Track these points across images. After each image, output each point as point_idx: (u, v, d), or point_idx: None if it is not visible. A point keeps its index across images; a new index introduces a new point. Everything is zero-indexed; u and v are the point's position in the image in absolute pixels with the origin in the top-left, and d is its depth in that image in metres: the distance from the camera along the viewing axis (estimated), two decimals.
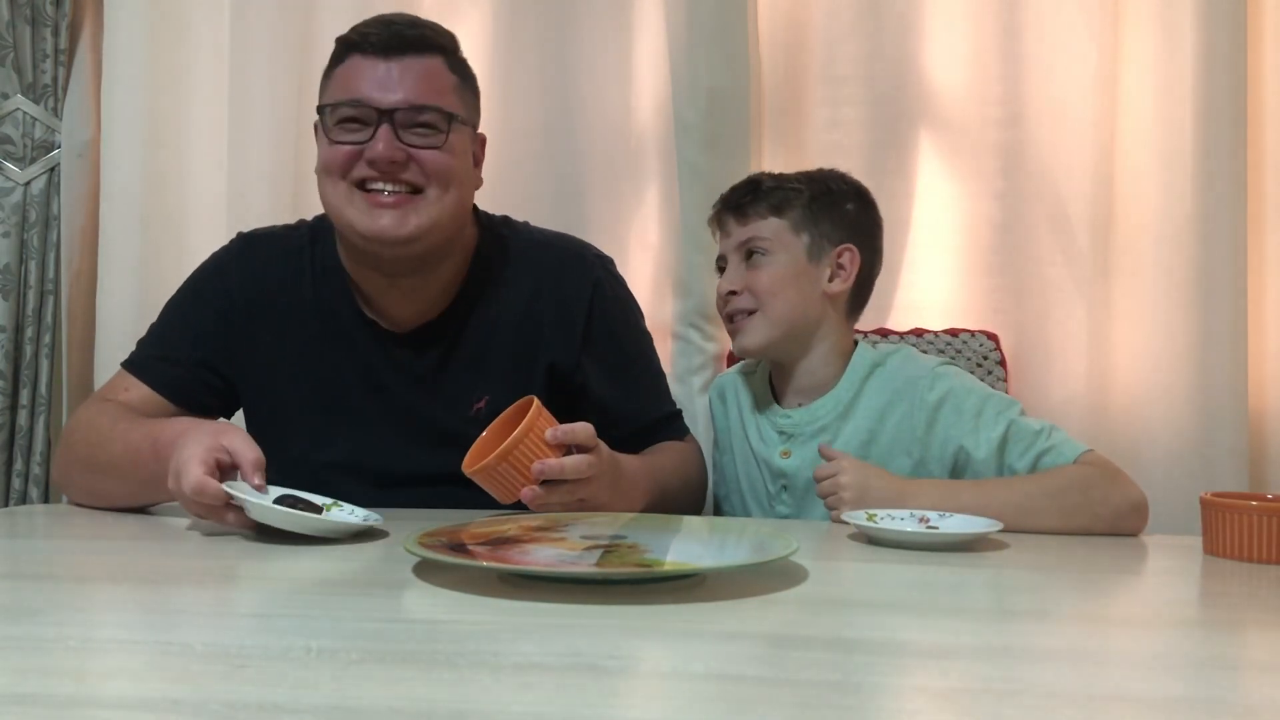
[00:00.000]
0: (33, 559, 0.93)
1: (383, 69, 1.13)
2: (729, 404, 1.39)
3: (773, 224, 1.27)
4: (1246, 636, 0.72)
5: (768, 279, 1.26)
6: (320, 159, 1.16)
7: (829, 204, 1.29)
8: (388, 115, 1.12)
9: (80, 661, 0.59)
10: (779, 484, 1.29)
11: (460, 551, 0.79)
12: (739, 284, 1.28)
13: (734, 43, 1.64)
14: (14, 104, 1.69)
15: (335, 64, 1.18)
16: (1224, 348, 1.56)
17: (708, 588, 0.78)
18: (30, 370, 1.70)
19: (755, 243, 1.27)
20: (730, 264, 1.30)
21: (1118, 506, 1.11)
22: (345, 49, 1.17)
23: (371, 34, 1.15)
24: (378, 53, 1.14)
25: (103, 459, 1.13)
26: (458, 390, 1.22)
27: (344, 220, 1.15)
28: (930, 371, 1.24)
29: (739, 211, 1.30)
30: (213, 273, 1.28)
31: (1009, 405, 1.21)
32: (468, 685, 0.54)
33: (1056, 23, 1.64)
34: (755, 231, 1.28)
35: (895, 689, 0.56)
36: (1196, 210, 1.57)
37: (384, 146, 1.11)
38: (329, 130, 1.15)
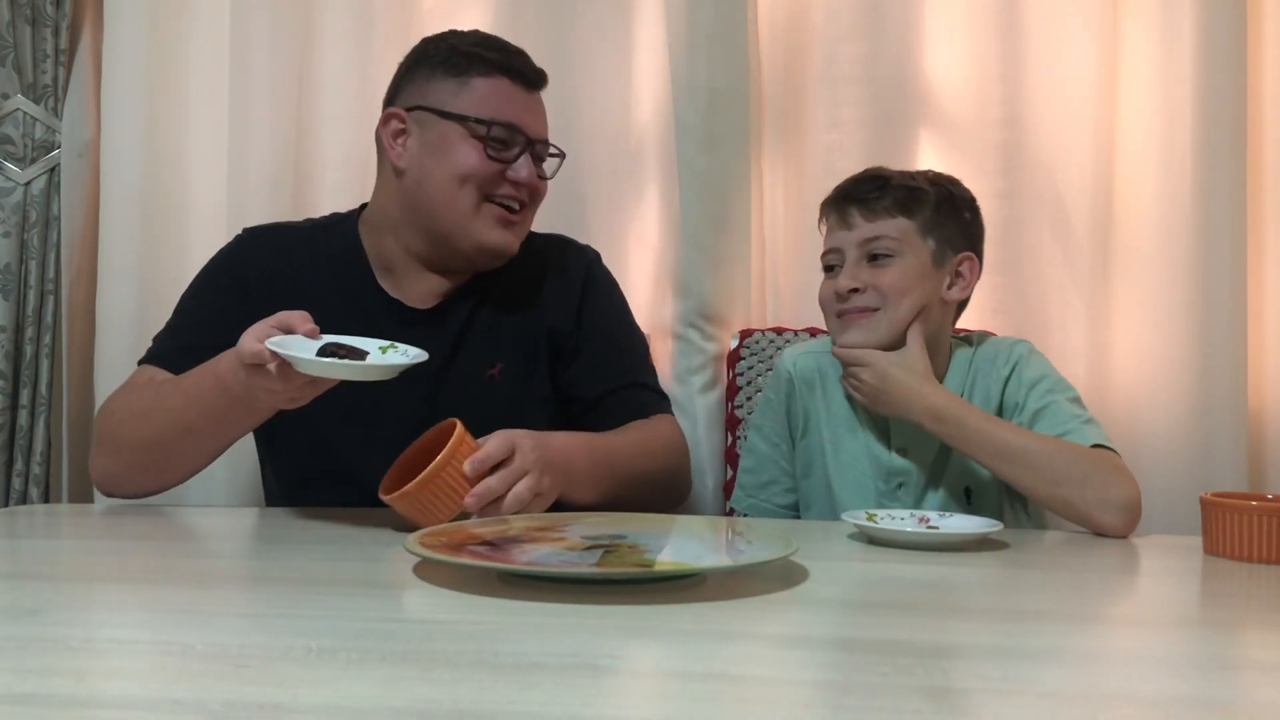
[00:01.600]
0: (33, 559, 0.93)
1: (530, 100, 1.27)
2: (821, 391, 1.32)
3: (901, 224, 1.23)
4: (1246, 636, 0.72)
5: (896, 278, 1.22)
6: (457, 167, 1.22)
7: (952, 210, 1.26)
8: (531, 145, 1.26)
9: (80, 661, 0.59)
10: (894, 482, 1.26)
11: (460, 551, 0.79)
12: (860, 281, 1.22)
13: (734, 43, 1.64)
14: (14, 104, 1.69)
15: (475, 74, 1.24)
16: (1224, 347, 1.56)
17: (708, 588, 0.78)
18: (30, 370, 1.70)
19: (882, 242, 1.22)
20: (849, 260, 1.24)
21: (1107, 496, 1.08)
22: (490, 67, 1.24)
23: (514, 61, 1.26)
24: (525, 83, 1.27)
25: (162, 419, 1.13)
26: (473, 360, 1.29)
27: (466, 229, 1.24)
28: (1009, 346, 1.27)
29: (865, 206, 1.24)
30: (226, 261, 1.32)
31: (1064, 389, 1.22)
32: (468, 685, 0.54)
33: (1056, 23, 1.64)
34: (883, 230, 1.23)
35: (895, 689, 0.56)
36: (1196, 210, 1.57)
37: (529, 173, 1.25)
38: (484, 141, 1.22)
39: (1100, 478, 1.10)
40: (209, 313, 1.27)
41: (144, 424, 1.15)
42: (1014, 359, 1.25)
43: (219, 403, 1.08)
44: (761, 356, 1.64)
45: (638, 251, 1.73)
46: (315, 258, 1.30)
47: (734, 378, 1.65)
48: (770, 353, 1.64)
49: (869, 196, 1.24)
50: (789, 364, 1.35)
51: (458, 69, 1.25)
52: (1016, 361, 1.25)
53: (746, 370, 1.64)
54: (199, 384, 1.10)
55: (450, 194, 1.23)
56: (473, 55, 1.25)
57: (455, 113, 1.23)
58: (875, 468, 1.26)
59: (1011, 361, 1.25)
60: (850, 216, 1.24)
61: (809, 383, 1.33)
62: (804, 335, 1.64)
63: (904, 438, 1.26)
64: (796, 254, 1.73)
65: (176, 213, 1.74)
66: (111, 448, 1.18)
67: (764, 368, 1.64)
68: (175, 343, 1.26)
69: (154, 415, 1.14)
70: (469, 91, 1.24)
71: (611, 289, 1.41)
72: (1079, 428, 1.16)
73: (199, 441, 1.14)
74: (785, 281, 1.74)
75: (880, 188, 1.24)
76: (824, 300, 1.28)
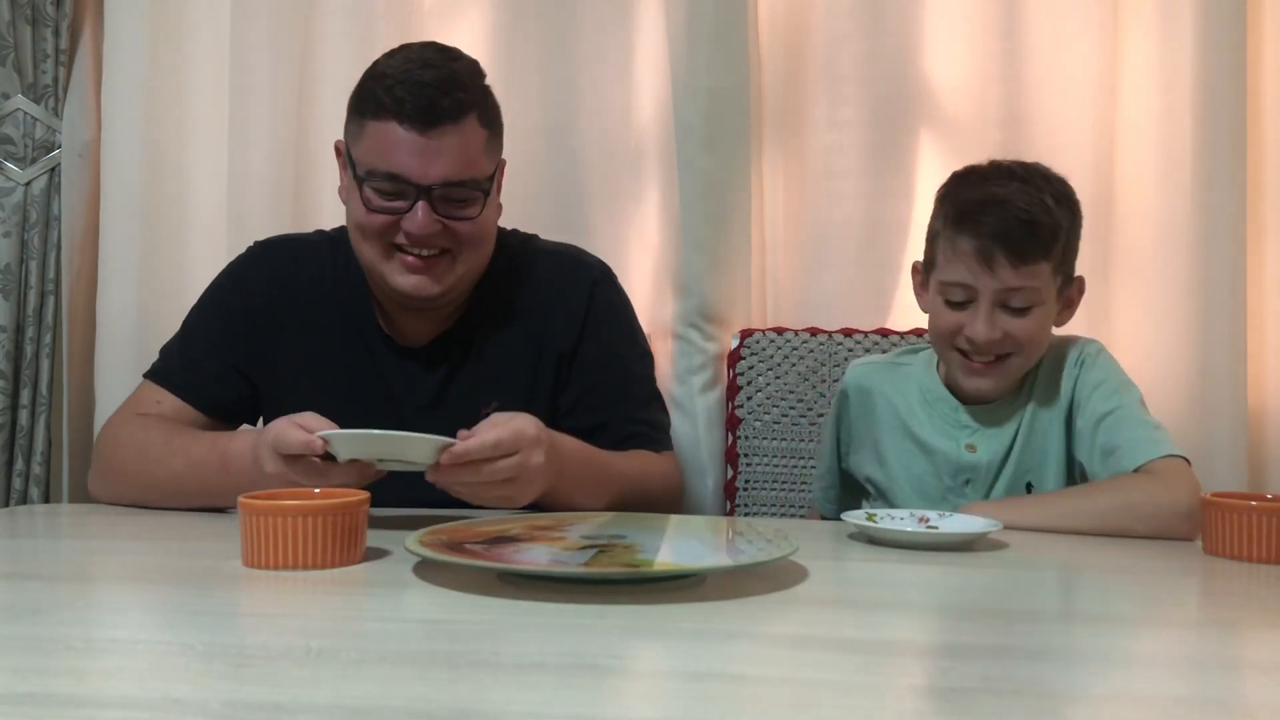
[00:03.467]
0: (33, 559, 0.93)
1: (420, 144, 1.13)
2: (874, 397, 1.32)
3: (1043, 270, 1.17)
4: (1246, 636, 0.72)
5: (1035, 329, 1.18)
6: (354, 216, 1.18)
7: (1074, 233, 1.21)
8: (425, 191, 1.14)
9: (80, 661, 0.59)
10: (961, 478, 1.25)
11: (460, 551, 0.79)
12: (1001, 331, 1.17)
13: (734, 43, 1.64)
14: (14, 104, 1.69)
15: (367, 115, 1.15)
16: (1224, 348, 1.56)
17: (708, 588, 0.78)
18: (30, 370, 1.70)
19: (1025, 294, 1.16)
20: (985, 302, 1.17)
21: (1159, 513, 1.07)
22: (379, 108, 1.13)
23: (408, 100, 1.12)
24: (415, 125, 1.12)
25: (162, 475, 1.15)
26: (466, 397, 1.25)
27: (377, 274, 1.20)
28: (1080, 345, 1.26)
29: (1016, 254, 1.15)
30: (235, 278, 1.31)
31: (1128, 390, 1.22)
32: (468, 685, 0.54)
33: (1056, 23, 1.63)
34: (1027, 280, 1.16)
35: (895, 689, 0.56)
36: (1196, 210, 1.57)
37: (421, 221, 1.14)
38: (364, 194, 1.16)
39: (1147, 499, 1.09)
40: (217, 331, 1.26)
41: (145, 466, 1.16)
42: (1081, 359, 1.25)
43: (218, 482, 1.09)
44: (761, 356, 1.64)
45: (638, 251, 1.73)
46: (321, 281, 1.28)
47: (734, 378, 1.65)
48: (770, 352, 1.64)
49: (1023, 244, 1.15)
50: (848, 377, 1.37)
51: (360, 107, 1.16)
52: (1084, 360, 1.24)
53: (747, 370, 1.65)
54: (205, 458, 1.11)
55: (357, 241, 1.19)
56: (370, 94, 1.15)
57: (352, 158, 1.17)
58: (944, 465, 1.26)
59: (1079, 361, 1.25)
60: (995, 260, 1.15)
61: (862, 390, 1.34)
62: (804, 335, 1.64)
63: (974, 436, 1.26)
64: (796, 254, 1.73)
65: (176, 213, 1.74)
66: (109, 477, 1.20)
67: (764, 367, 1.64)
68: (182, 363, 1.25)
69: (159, 465, 1.15)
70: (362, 136, 1.15)
71: (614, 313, 1.34)
72: (1149, 435, 1.16)
73: (190, 502, 1.15)
74: (785, 281, 1.74)
75: (1032, 232, 1.15)
76: (944, 332, 1.22)
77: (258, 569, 0.82)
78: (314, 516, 0.82)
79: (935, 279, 1.22)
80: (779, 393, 1.63)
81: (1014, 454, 1.25)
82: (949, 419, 1.27)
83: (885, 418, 1.32)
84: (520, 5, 1.73)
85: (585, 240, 1.49)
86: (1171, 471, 1.12)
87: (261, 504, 0.83)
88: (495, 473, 0.97)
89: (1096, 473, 1.19)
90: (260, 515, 0.82)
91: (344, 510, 0.84)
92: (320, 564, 0.82)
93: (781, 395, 1.63)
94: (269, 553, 0.82)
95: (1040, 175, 1.21)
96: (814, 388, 1.63)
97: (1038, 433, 1.24)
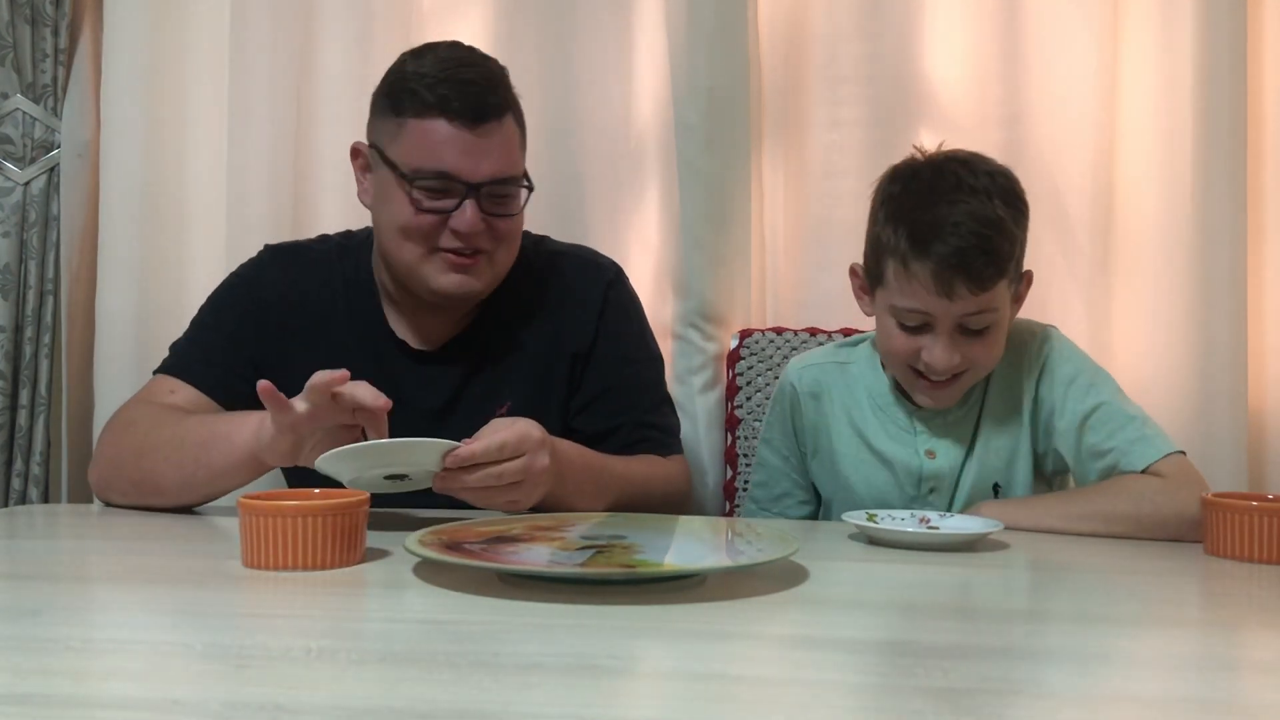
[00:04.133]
0: (33, 559, 0.93)
1: (469, 141, 1.13)
2: (825, 403, 1.29)
3: (1000, 288, 1.13)
4: (1246, 636, 0.72)
5: (993, 347, 1.16)
6: (396, 218, 1.16)
7: (1021, 233, 1.16)
8: (474, 189, 1.14)
9: (80, 661, 0.59)
10: (926, 487, 1.22)
11: (460, 551, 0.79)
12: (961, 355, 1.14)
13: (734, 43, 1.64)
14: (14, 104, 1.69)
15: (408, 114, 1.14)
16: (1224, 347, 1.56)
17: (708, 588, 0.78)
18: (30, 370, 1.70)
19: (984, 317, 1.13)
20: (942, 329, 1.13)
21: (1167, 523, 1.06)
22: (422, 106, 1.13)
23: (454, 96, 1.12)
24: (464, 123, 1.13)
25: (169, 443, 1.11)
26: (480, 399, 1.24)
27: (416, 276, 1.18)
28: (1038, 338, 1.23)
29: (974, 281, 1.10)
30: (245, 281, 1.30)
31: (1103, 381, 1.19)
32: (468, 685, 0.54)
33: (1056, 23, 1.64)
34: (985, 304, 1.12)
35: (895, 689, 0.56)
36: (1196, 210, 1.57)
37: (470, 220, 1.14)
38: (411, 195, 1.14)
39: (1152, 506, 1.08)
40: (230, 331, 1.25)
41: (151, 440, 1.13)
42: (1044, 351, 1.21)
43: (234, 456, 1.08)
44: (761, 356, 1.64)
45: (638, 251, 1.73)
46: (330, 286, 1.27)
47: (734, 378, 1.65)
48: (770, 352, 1.64)
49: (982, 270, 1.10)
50: (792, 378, 1.32)
51: (398, 106, 1.15)
52: (1047, 354, 1.21)
53: (746, 370, 1.64)
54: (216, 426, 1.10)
55: (396, 243, 1.18)
56: (412, 92, 1.14)
57: (390, 159, 1.16)
58: (904, 475, 1.23)
59: (1041, 357, 1.21)
60: (954, 289, 1.10)
61: (814, 395, 1.30)
62: (804, 335, 1.64)
63: (930, 442, 1.23)
64: (796, 254, 1.73)
65: (176, 213, 1.74)
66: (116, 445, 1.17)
67: (764, 367, 1.64)
68: (196, 355, 1.24)
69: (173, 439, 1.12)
70: (403, 135, 1.15)
71: (630, 315, 1.34)
72: (1140, 433, 1.14)
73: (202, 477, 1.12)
74: (785, 281, 1.74)
75: (991, 257, 1.10)
76: (899, 354, 1.17)
77: (257, 569, 0.82)
78: (314, 517, 0.82)
79: (887, 300, 1.17)
80: None
81: (974, 456, 1.22)
82: (901, 424, 1.25)
83: (838, 424, 1.28)
84: (520, 5, 1.72)
85: (585, 240, 1.49)
86: (1177, 475, 1.11)
87: (261, 504, 0.83)
88: (502, 475, 0.97)
89: (1085, 474, 1.18)
90: (260, 516, 0.82)
91: (344, 510, 0.84)
92: (320, 564, 0.82)
93: None
94: (269, 553, 0.82)
95: (985, 174, 1.15)
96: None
97: (999, 432, 1.21)
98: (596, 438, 1.24)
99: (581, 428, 1.26)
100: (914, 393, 1.21)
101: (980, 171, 1.15)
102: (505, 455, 0.97)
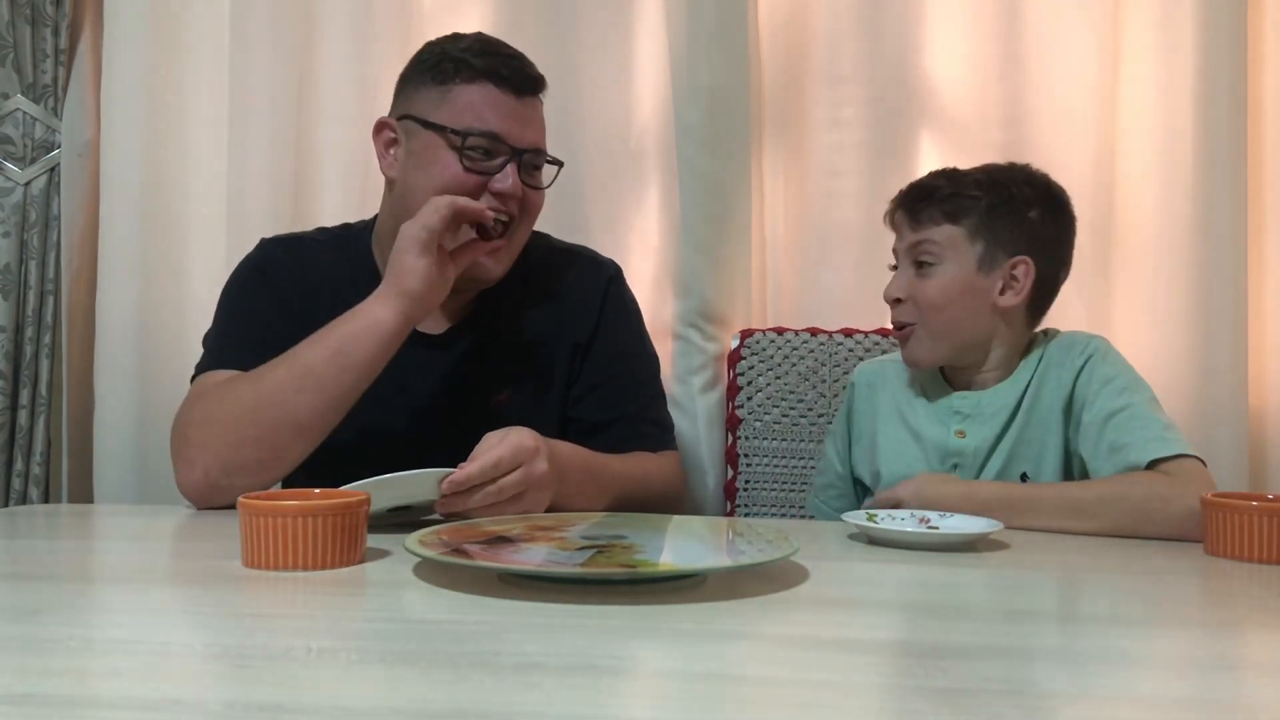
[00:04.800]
0: (33, 559, 0.93)
1: (516, 107, 1.20)
2: (879, 392, 1.35)
3: (946, 230, 1.23)
4: (1246, 636, 0.72)
5: (933, 291, 1.23)
6: (439, 178, 1.19)
7: (1009, 211, 1.23)
8: (518, 155, 1.19)
9: (80, 661, 0.59)
10: (949, 464, 1.26)
11: (460, 551, 0.79)
12: (903, 291, 1.25)
13: (734, 43, 1.64)
14: (14, 104, 1.69)
15: (454, 81, 1.19)
16: (1224, 347, 1.56)
17: (708, 588, 0.78)
18: (30, 370, 1.70)
19: (925, 248, 1.23)
20: (900, 268, 1.27)
21: (1174, 514, 1.06)
22: (471, 72, 1.19)
23: (501, 66, 1.19)
24: (512, 90, 1.20)
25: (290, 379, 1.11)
26: (480, 386, 1.26)
27: None
28: (1084, 340, 1.26)
29: (912, 213, 1.25)
30: (257, 269, 1.29)
31: (1140, 389, 1.21)
32: (468, 685, 0.54)
33: (1056, 23, 1.64)
34: (926, 235, 1.23)
35: (895, 689, 0.56)
36: (1196, 210, 1.57)
37: (513, 184, 1.19)
38: (462, 154, 1.18)
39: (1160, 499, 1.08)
40: (260, 316, 1.24)
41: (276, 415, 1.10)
42: (1088, 352, 1.24)
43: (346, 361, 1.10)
44: (762, 356, 1.64)
45: (638, 251, 1.73)
46: (335, 271, 1.28)
47: (734, 378, 1.65)
48: (771, 352, 1.64)
49: (916, 204, 1.24)
50: (856, 372, 1.40)
51: (443, 76, 1.20)
52: (1090, 355, 1.23)
53: (747, 370, 1.65)
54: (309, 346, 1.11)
55: None
56: (459, 61, 1.20)
57: (436, 122, 1.19)
58: (932, 450, 1.27)
59: (1085, 355, 1.24)
60: (899, 224, 1.26)
61: (871, 385, 1.36)
62: (804, 335, 1.64)
63: (964, 423, 1.26)
64: (797, 254, 1.73)
65: (176, 213, 1.74)
66: (223, 449, 1.12)
67: (764, 367, 1.64)
68: (235, 343, 1.22)
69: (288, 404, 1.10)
70: (451, 100, 1.19)
71: (629, 311, 1.38)
72: (1160, 434, 1.14)
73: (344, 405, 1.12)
74: (785, 281, 1.74)
75: (927, 196, 1.24)
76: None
77: (257, 569, 0.82)
78: (314, 517, 0.82)
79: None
80: (779, 393, 1.63)
81: (1005, 442, 1.24)
82: (943, 406, 1.28)
83: (886, 411, 1.33)
84: (520, 5, 1.73)
85: (585, 240, 1.49)
86: (1186, 472, 1.11)
87: (261, 504, 0.83)
88: (502, 490, 0.98)
89: (1100, 469, 1.18)
90: (260, 516, 0.82)
91: (344, 510, 0.84)
92: (320, 564, 0.82)
93: (781, 395, 1.63)
94: (269, 553, 0.82)
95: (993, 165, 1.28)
96: (814, 388, 1.63)
97: (1035, 424, 1.24)
98: (594, 428, 1.26)
99: (580, 417, 1.28)
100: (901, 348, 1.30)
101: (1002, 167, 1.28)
102: (502, 470, 0.98)
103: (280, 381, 1.11)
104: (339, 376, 1.11)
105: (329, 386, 1.11)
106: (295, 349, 1.13)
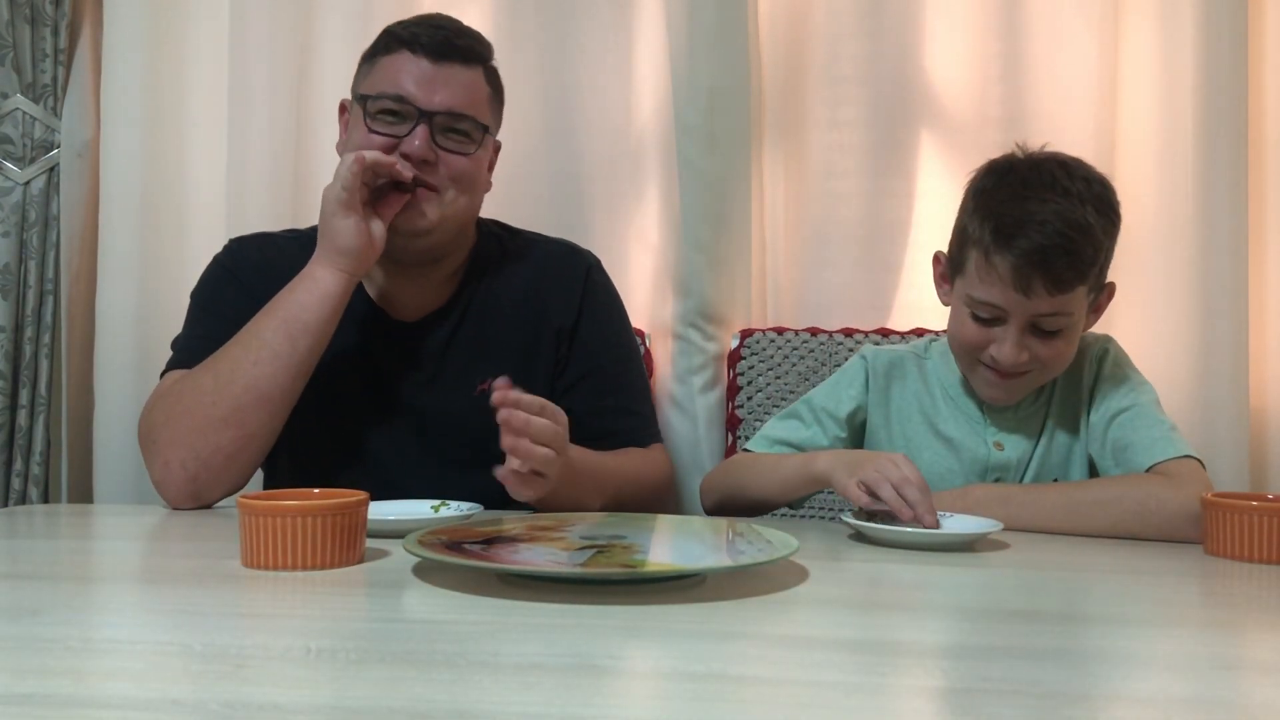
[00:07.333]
0: (33, 559, 0.93)
1: (430, 70, 1.20)
2: (895, 384, 1.30)
3: (1079, 293, 1.14)
4: (1246, 636, 0.72)
5: (1064, 350, 1.17)
6: (353, 143, 1.21)
7: (1111, 245, 1.17)
8: (427, 116, 1.19)
9: (80, 661, 0.59)
10: (991, 477, 1.23)
11: (460, 551, 0.79)
12: (1030, 354, 1.15)
13: (734, 43, 1.64)
14: (14, 104, 1.69)
15: (380, 53, 1.23)
16: (1224, 348, 1.56)
17: (708, 588, 0.78)
18: (30, 370, 1.70)
19: (1058, 320, 1.14)
20: (1015, 325, 1.14)
21: (1172, 515, 1.06)
22: (394, 42, 1.21)
23: (423, 34, 1.20)
24: (428, 55, 1.20)
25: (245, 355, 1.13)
26: (460, 374, 1.26)
27: None
28: (1095, 339, 1.26)
29: (1054, 281, 1.10)
30: (223, 267, 1.30)
31: (1144, 389, 1.22)
32: (468, 685, 0.54)
33: (1057, 23, 1.63)
34: (1061, 306, 1.13)
35: (895, 689, 0.56)
36: (1196, 210, 1.57)
37: (420, 145, 1.18)
38: (367, 118, 1.20)
39: (1157, 500, 1.08)
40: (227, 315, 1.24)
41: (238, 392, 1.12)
42: (1099, 355, 1.25)
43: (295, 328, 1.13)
44: (762, 356, 1.64)
45: (638, 251, 1.73)
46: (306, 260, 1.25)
47: (734, 378, 1.65)
48: (771, 352, 1.64)
49: (1062, 272, 1.10)
50: (868, 355, 1.33)
51: (371, 52, 1.24)
52: (1100, 358, 1.25)
53: (747, 370, 1.64)
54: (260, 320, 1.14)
55: None
56: (390, 34, 1.23)
57: (359, 93, 1.23)
58: (970, 462, 1.25)
59: (1097, 358, 1.25)
60: (1032, 287, 1.11)
61: (887, 375, 1.32)
62: (804, 335, 1.64)
63: (999, 435, 1.25)
64: (797, 254, 1.73)
65: (176, 213, 1.74)
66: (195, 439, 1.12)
67: (764, 367, 1.64)
68: (202, 342, 1.22)
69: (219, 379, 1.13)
70: (375, 71, 1.23)
71: (610, 299, 1.38)
72: (1163, 434, 1.16)
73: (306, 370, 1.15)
74: (785, 281, 1.74)
75: (1072, 259, 1.11)
76: (968, 344, 1.19)
77: (257, 569, 0.82)
78: (313, 517, 0.82)
79: (964, 289, 1.18)
80: (779, 393, 1.63)
81: (1038, 454, 1.24)
82: (971, 414, 1.27)
83: (904, 407, 1.30)
84: (520, 5, 1.72)
85: (585, 240, 1.49)
86: (1184, 474, 1.11)
87: (261, 504, 0.83)
88: (531, 426, 0.98)
89: (1108, 468, 1.19)
90: (260, 515, 0.82)
91: (343, 510, 0.84)
92: (320, 564, 0.82)
93: (782, 395, 1.63)
94: (268, 553, 0.82)
95: (1082, 179, 1.16)
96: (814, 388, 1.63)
97: (1062, 430, 1.24)
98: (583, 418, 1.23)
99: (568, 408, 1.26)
100: (975, 383, 1.23)
101: (1077, 175, 1.16)
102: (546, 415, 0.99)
103: (237, 358, 1.14)
104: (294, 343, 1.14)
105: (284, 354, 1.14)
106: (247, 326, 1.16)
